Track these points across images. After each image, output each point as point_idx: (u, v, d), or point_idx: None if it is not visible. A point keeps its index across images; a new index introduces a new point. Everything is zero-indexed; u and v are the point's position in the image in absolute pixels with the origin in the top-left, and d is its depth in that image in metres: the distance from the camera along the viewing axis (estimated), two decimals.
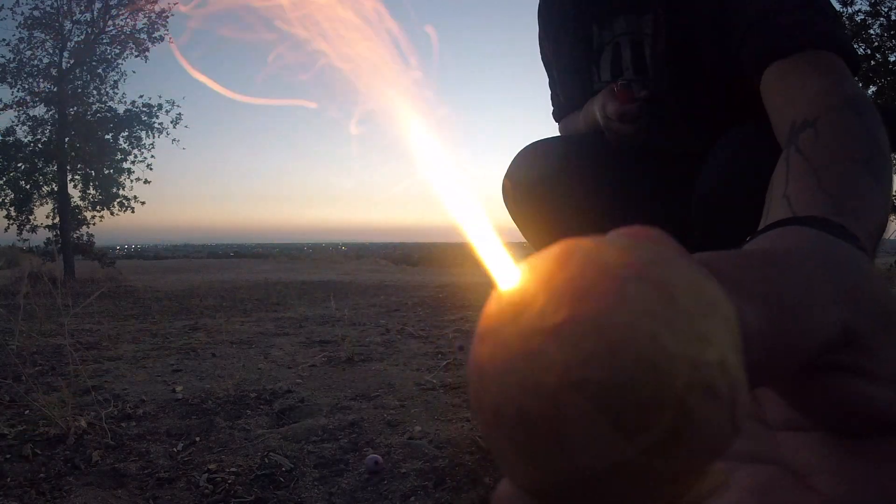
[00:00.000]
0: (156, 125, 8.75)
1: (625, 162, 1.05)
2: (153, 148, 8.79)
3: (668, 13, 0.85)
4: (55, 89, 8.21)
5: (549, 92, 1.18)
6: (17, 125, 8.35)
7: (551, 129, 1.22)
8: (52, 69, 8.23)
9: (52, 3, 8.08)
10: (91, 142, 8.34)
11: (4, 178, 8.29)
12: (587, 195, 1.03)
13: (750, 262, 0.18)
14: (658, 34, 0.87)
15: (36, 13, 8.01)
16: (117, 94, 8.66)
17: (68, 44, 8.22)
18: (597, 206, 1.04)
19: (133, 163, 8.76)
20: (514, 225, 1.12)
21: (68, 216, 8.38)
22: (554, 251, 0.14)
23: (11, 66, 8.08)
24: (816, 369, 0.18)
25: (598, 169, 1.03)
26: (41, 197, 8.50)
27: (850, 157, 0.47)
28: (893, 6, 8.54)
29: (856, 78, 0.64)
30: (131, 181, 8.76)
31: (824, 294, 0.18)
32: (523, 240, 1.14)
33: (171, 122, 8.80)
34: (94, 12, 8.22)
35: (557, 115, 1.17)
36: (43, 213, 8.55)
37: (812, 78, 0.61)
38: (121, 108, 8.66)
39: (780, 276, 0.18)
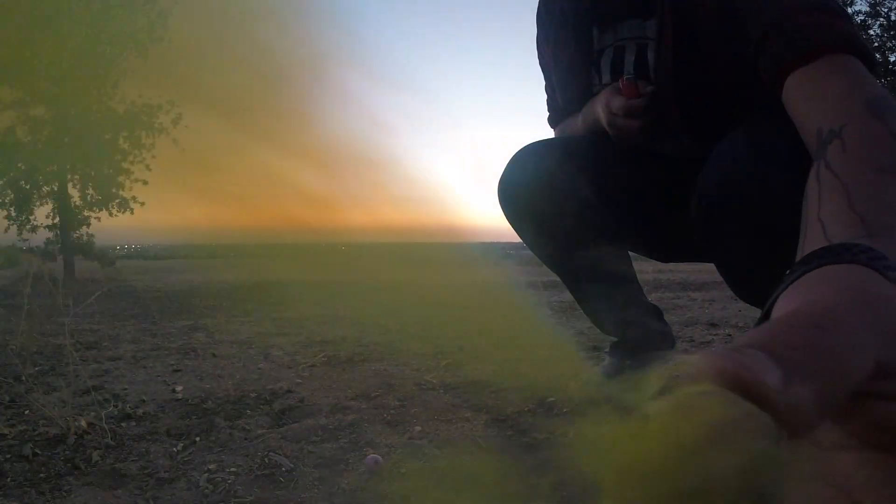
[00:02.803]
0: (156, 125, 8.75)
1: (623, 165, 1.04)
2: (153, 148, 8.79)
3: (673, 17, 0.84)
4: (55, 89, 8.21)
5: (545, 96, 1.18)
6: (17, 125, 8.35)
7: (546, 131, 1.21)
8: (52, 69, 8.22)
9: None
10: (91, 142, 8.32)
11: (4, 178, 8.29)
12: (584, 199, 1.02)
13: (796, 336, 0.20)
14: (663, 38, 0.86)
15: None
16: (117, 93, 8.66)
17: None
18: (594, 210, 1.04)
19: (132, 163, 8.76)
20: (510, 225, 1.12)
21: (68, 216, 8.38)
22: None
23: None
24: (859, 396, 0.21)
25: (595, 172, 1.03)
26: (41, 197, 8.50)
27: (879, 168, 0.47)
28: (893, 6, 8.55)
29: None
30: (130, 181, 8.76)
31: (861, 340, 0.21)
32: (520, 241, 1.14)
33: (172, 123, 8.80)
34: (94, 12, 8.22)
35: (553, 121, 1.17)
36: (43, 213, 8.55)
37: (833, 84, 0.61)
38: (121, 108, 8.65)
39: (826, 342, 0.20)
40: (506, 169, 1.05)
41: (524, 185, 1.04)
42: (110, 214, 8.68)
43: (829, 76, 0.62)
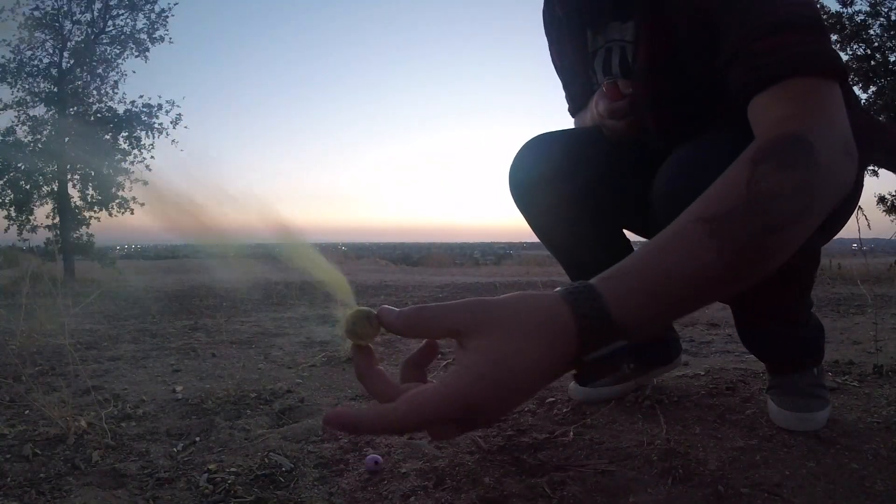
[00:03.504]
0: (155, 125, 8.74)
1: (623, 154, 1.07)
2: (153, 148, 8.79)
3: (647, 23, 0.85)
4: (55, 89, 8.21)
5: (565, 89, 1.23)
6: (17, 125, 8.35)
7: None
8: (52, 69, 8.23)
9: (53, 4, 8.07)
10: (91, 142, 8.32)
11: (4, 178, 8.28)
12: (588, 192, 1.05)
13: (412, 310, 0.50)
14: (639, 41, 0.88)
15: (36, 13, 8.00)
16: (117, 94, 8.67)
17: (68, 44, 8.21)
18: (594, 197, 1.07)
19: (132, 163, 8.76)
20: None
21: (68, 216, 8.38)
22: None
23: (11, 66, 8.08)
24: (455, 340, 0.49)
25: (596, 160, 1.07)
26: (41, 197, 8.49)
27: (697, 218, 0.53)
28: (893, 6, 8.54)
29: (849, 78, 0.64)
30: (130, 182, 8.75)
31: (442, 321, 0.49)
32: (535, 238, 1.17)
33: (171, 123, 8.79)
34: (94, 12, 8.22)
35: (572, 112, 1.22)
36: (43, 213, 8.54)
37: (770, 115, 0.62)
38: (121, 108, 8.66)
39: (414, 313, 0.50)
40: (513, 162, 1.10)
41: (530, 173, 1.08)
42: (110, 215, 8.67)
43: (773, 106, 0.63)
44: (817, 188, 0.54)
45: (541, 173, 1.06)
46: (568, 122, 1.25)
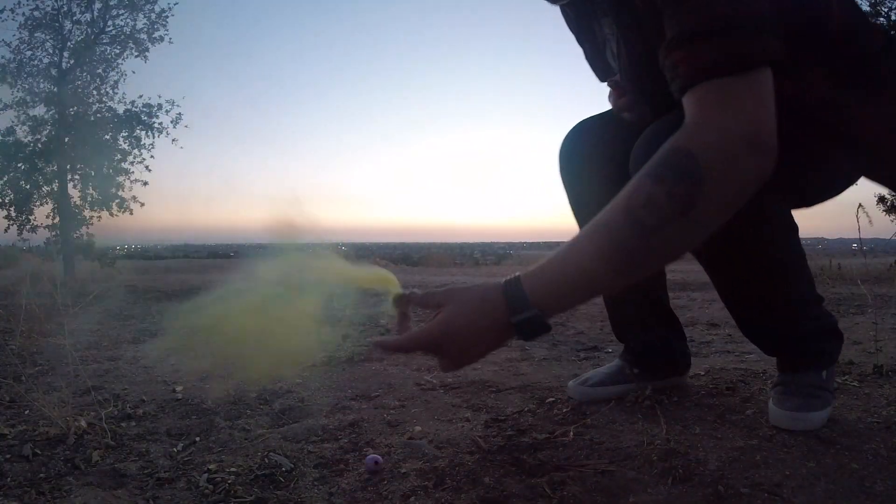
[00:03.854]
0: (155, 125, 8.74)
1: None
2: (153, 148, 8.78)
3: (624, 22, 0.88)
4: (55, 89, 8.20)
5: None
6: (17, 125, 8.34)
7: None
8: (52, 69, 8.22)
9: (53, 4, 8.07)
10: (91, 142, 8.31)
11: (4, 178, 8.28)
12: (621, 171, 1.10)
13: (427, 295, 0.78)
14: (619, 40, 0.91)
15: (36, 13, 8.00)
16: (117, 94, 8.66)
17: (68, 44, 8.21)
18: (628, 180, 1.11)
19: (132, 163, 8.75)
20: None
21: (68, 216, 8.37)
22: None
23: (11, 66, 8.08)
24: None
25: (630, 145, 1.11)
26: (41, 197, 8.49)
27: (596, 223, 0.68)
28: (893, 6, 8.53)
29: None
30: (130, 182, 8.75)
31: (435, 298, 0.75)
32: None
33: (171, 122, 8.78)
34: (94, 12, 8.22)
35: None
36: (43, 213, 8.54)
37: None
38: (121, 108, 8.65)
39: (424, 296, 0.78)
40: (562, 141, 1.18)
41: (572, 156, 1.16)
42: (111, 215, 8.67)
43: (686, 115, 0.68)
44: (703, 192, 0.63)
45: (581, 155, 1.16)
46: (572, 118, 1.31)
